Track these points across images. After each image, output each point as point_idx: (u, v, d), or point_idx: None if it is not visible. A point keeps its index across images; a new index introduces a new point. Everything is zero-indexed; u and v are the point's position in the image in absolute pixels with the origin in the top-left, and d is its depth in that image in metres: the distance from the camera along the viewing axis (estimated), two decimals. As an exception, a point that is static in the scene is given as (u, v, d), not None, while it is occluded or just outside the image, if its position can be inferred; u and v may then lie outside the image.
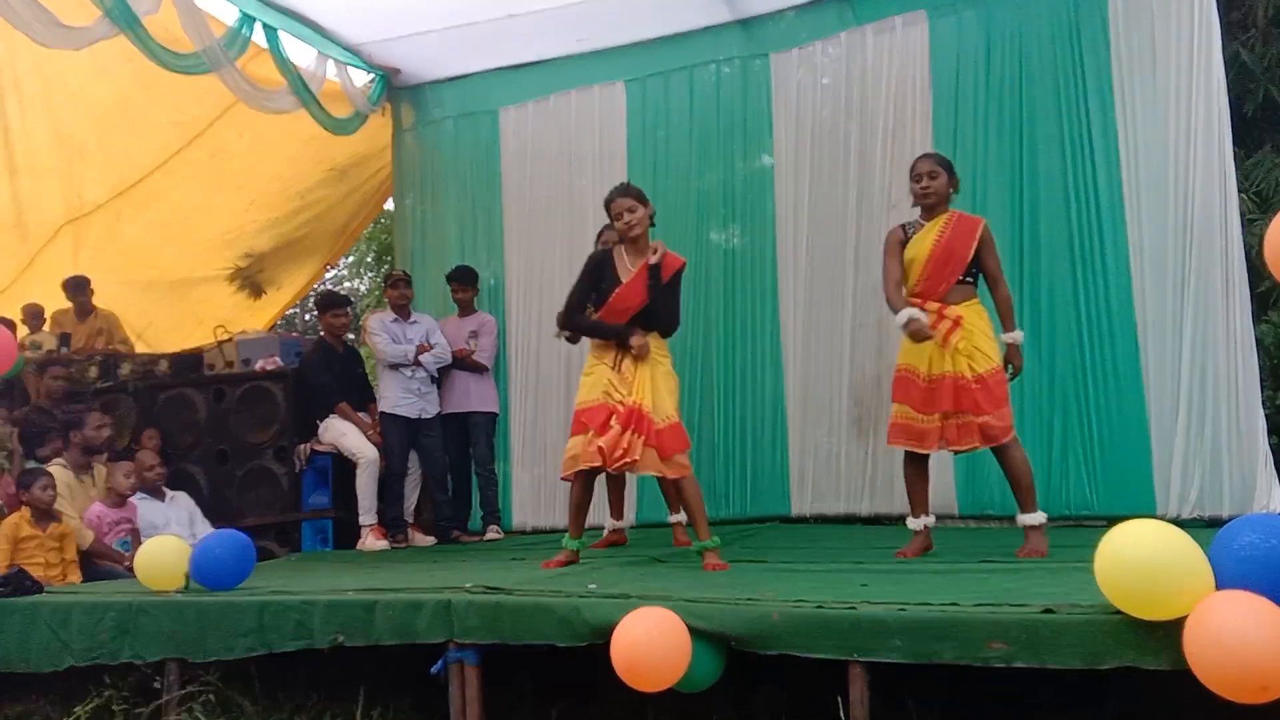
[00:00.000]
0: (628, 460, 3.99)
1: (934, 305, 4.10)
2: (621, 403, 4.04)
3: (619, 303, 4.15)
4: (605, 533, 5.38)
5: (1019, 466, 4.06)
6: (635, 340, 4.08)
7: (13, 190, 6.90)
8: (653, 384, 4.07)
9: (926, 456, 4.19)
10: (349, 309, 6.51)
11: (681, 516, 5.01)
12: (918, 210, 4.28)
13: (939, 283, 4.13)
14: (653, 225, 4.25)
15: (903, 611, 2.68)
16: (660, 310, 4.17)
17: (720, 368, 6.32)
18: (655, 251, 4.14)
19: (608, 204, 4.21)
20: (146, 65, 5.67)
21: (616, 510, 5.40)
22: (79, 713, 3.64)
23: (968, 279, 4.16)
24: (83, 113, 6.65)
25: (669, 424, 4.08)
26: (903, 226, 4.29)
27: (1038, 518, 4.06)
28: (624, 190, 4.21)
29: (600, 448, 3.99)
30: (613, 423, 4.00)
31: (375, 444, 6.05)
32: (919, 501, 4.23)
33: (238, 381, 6.38)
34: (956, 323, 4.06)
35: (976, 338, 4.06)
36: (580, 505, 4.23)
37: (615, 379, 4.08)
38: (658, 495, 6.51)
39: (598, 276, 4.23)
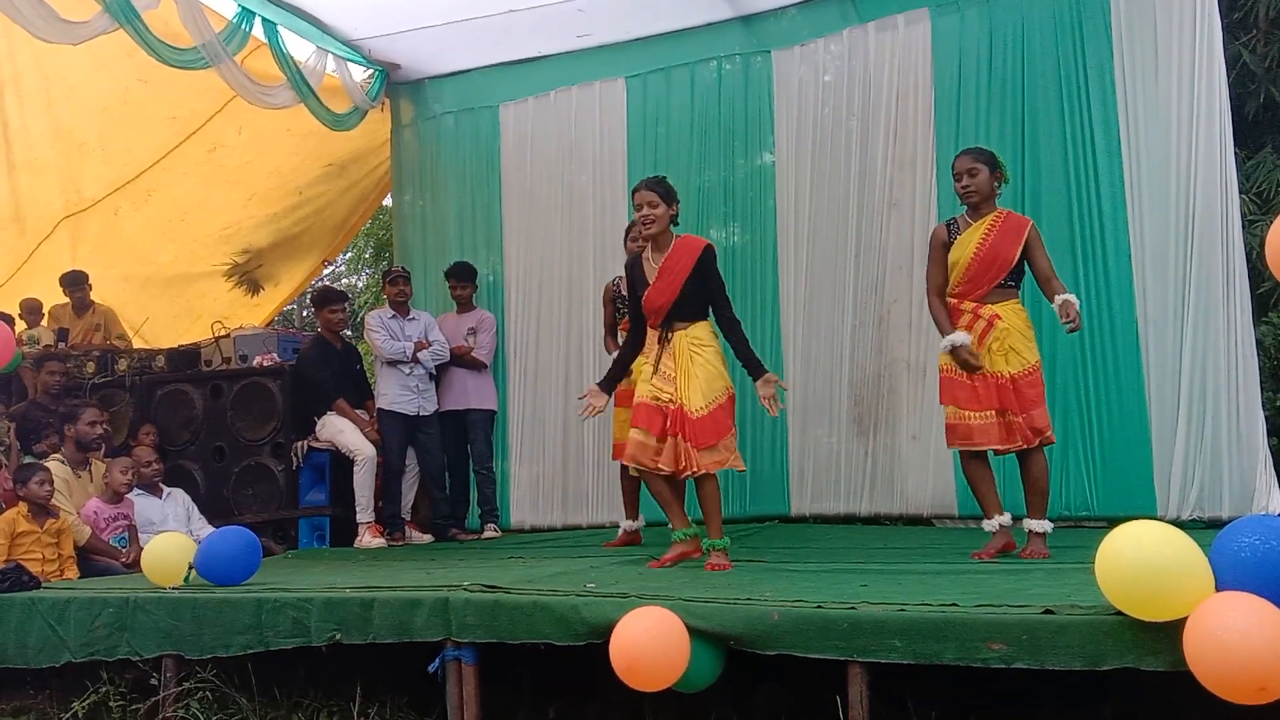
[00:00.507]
0: (690, 472, 3.99)
1: (969, 305, 4.04)
2: (670, 401, 4.02)
3: (649, 305, 4.13)
4: (620, 532, 5.36)
5: (1041, 471, 4.01)
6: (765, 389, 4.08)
7: (11, 185, 6.89)
8: (688, 378, 4.01)
9: (984, 453, 4.05)
10: (346, 305, 6.49)
11: (641, 522, 4.97)
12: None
13: (980, 285, 4.04)
14: (675, 224, 4.20)
15: (902, 612, 2.67)
16: (690, 301, 4.08)
17: (719, 365, 6.30)
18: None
19: (634, 191, 4.19)
20: (145, 60, 5.66)
21: (632, 510, 5.35)
22: (76, 708, 3.64)
23: (1010, 282, 4.06)
24: (82, 108, 6.64)
25: (700, 416, 3.98)
26: (947, 225, 4.19)
27: (1046, 525, 3.99)
28: (650, 183, 4.15)
29: (665, 460, 4.00)
30: (665, 427, 4.00)
31: (373, 441, 6.04)
32: (988, 501, 4.05)
33: (235, 378, 6.36)
34: (990, 322, 3.99)
35: (1012, 337, 3.98)
36: (667, 500, 4.13)
37: (658, 378, 4.07)
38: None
39: (632, 284, 4.24)
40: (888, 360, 5.97)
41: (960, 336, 4.01)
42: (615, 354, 4.65)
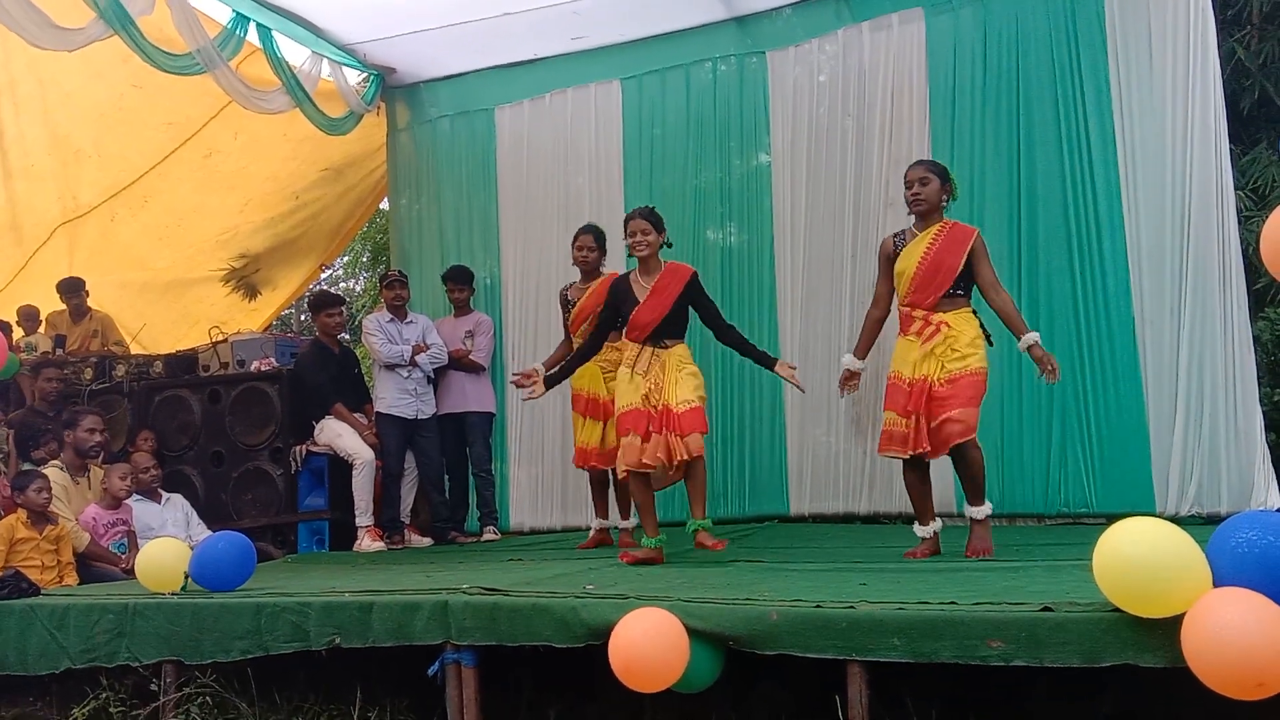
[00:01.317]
0: (680, 459, 4.22)
1: (920, 313, 4.10)
2: (655, 406, 4.29)
3: (637, 320, 4.41)
4: (591, 532, 5.42)
5: (974, 464, 4.02)
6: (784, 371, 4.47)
7: (8, 193, 6.90)
8: (675, 385, 4.31)
9: (924, 463, 4.14)
10: (343, 309, 6.47)
11: (630, 521, 5.02)
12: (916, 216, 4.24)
13: (927, 294, 4.08)
14: (668, 245, 4.55)
15: (901, 611, 2.67)
16: (675, 321, 4.42)
17: (718, 366, 6.30)
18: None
19: (627, 220, 4.50)
20: (140, 66, 5.66)
21: (601, 510, 5.44)
22: (76, 715, 3.64)
23: (958, 292, 4.09)
24: (77, 114, 6.64)
25: (687, 408, 4.26)
26: (894, 237, 4.26)
27: (984, 509, 4.07)
28: (644, 213, 4.48)
29: (657, 456, 4.23)
30: (649, 428, 4.26)
31: (371, 444, 6.04)
32: (922, 509, 4.17)
33: (233, 383, 6.36)
34: (938, 328, 4.03)
35: (957, 340, 4.01)
36: (645, 504, 4.39)
37: (643, 382, 4.33)
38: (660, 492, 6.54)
39: (617, 301, 4.52)
40: (885, 360, 5.95)
41: (854, 363, 4.28)
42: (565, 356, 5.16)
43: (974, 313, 4.14)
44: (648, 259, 4.43)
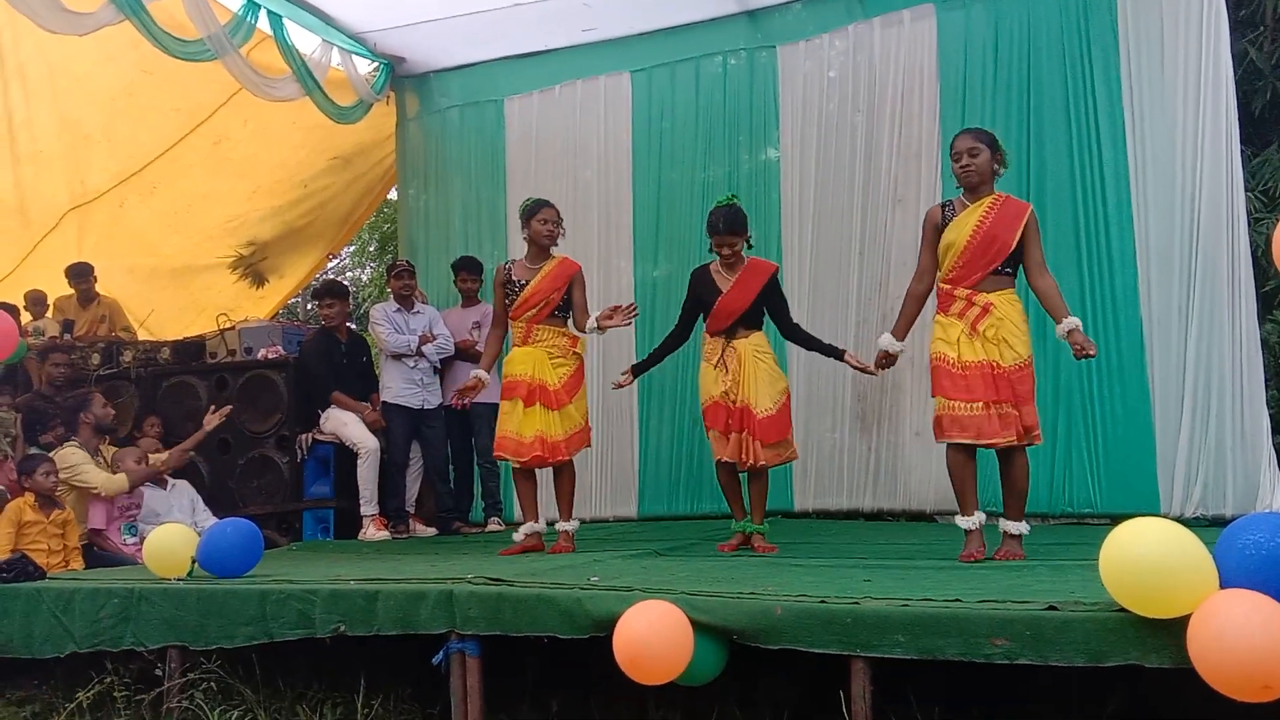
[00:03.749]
0: (752, 463, 4.39)
1: (963, 291, 3.81)
2: (733, 402, 4.41)
3: (721, 309, 4.52)
4: (523, 537, 4.88)
5: (1022, 471, 3.82)
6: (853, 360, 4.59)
7: (16, 177, 6.89)
8: (755, 381, 4.41)
9: (971, 448, 3.79)
10: (338, 300, 6.38)
11: (568, 525, 4.84)
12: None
13: (975, 270, 3.80)
14: (750, 246, 4.66)
15: (906, 607, 2.67)
16: (754, 312, 4.53)
17: (723, 361, 6.29)
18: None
19: (713, 234, 4.56)
20: (151, 52, 5.66)
21: (533, 511, 4.92)
22: (81, 699, 3.65)
23: (1006, 270, 3.82)
24: (87, 99, 6.64)
25: (766, 415, 4.38)
26: (942, 206, 3.99)
27: (1023, 527, 3.81)
28: (730, 227, 4.52)
29: (739, 456, 4.41)
30: (729, 423, 4.43)
31: (374, 422, 6.02)
32: (967, 497, 3.82)
33: (240, 370, 6.38)
34: (985, 309, 3.76)
35: (1006, 327, 3.76)
36: (728, 491, 4.63)
37: (724, 378, 4.45)
38: (658, 488, 6.55)
39: (699, 291, 4.64)
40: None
41: (893, 344, 4.07)
42: (488, 344, 5.00)
43: (1015, 293, 3.88)
44: (730, 260, 4.56)
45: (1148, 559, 2.33)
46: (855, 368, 4.57)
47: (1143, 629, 2.37)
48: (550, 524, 4.93)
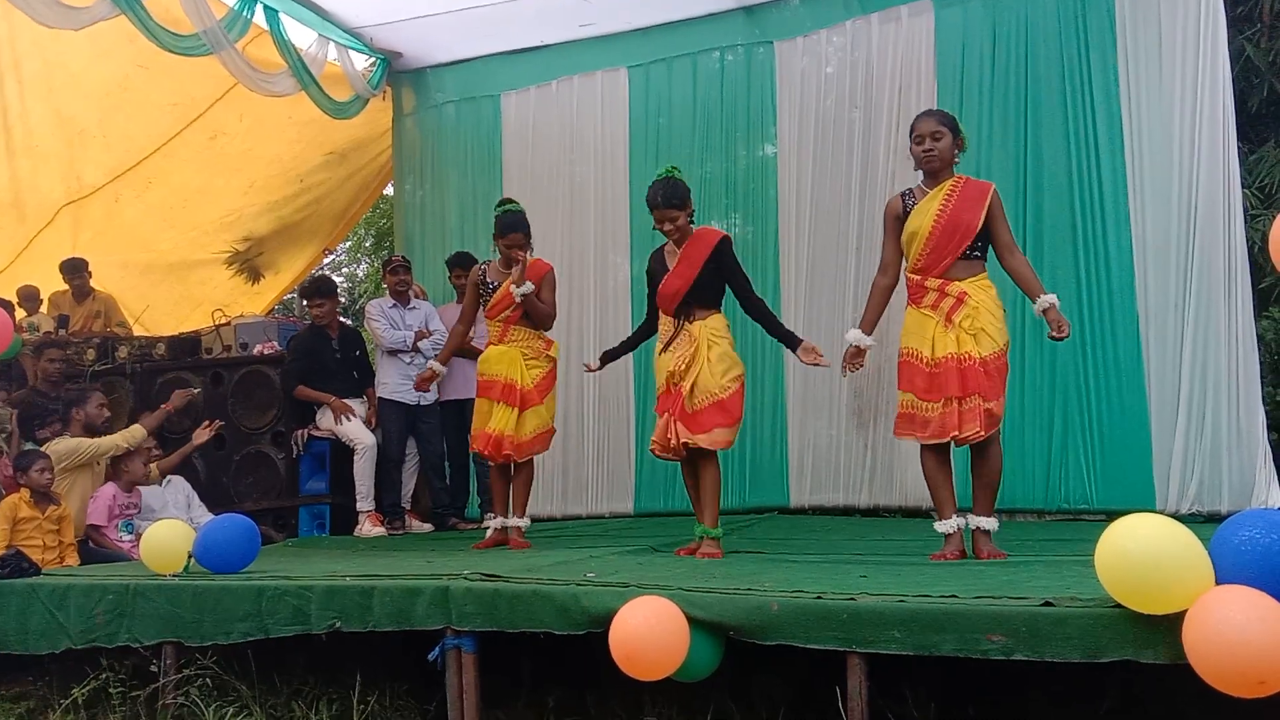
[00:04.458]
0: (675, 445, 4.09)
1: (934, 282, 3.75)
2: (674, 385, 4.15)
3: (665, 289, 4.26)
4: (490, 532, 4.95)
5: (995, 464, 3.75)
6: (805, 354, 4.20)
7: (11, 171, 6.87)
8: (708, 364, 4.12)
9: (947, 448, 3.77)
10: (327, 299, 6.27)
11: (520, 521, 4.83)
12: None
13: (943, 257, 3.73)
14: (692, 221, 4.35)
15: (902, 603, 2.67)
16: (706, 288, 4.22)
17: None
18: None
19: (651, 208, 4.32)
20: (147, 46, 5.64)
21: (502, 506, 4.92)
22: (76, 695, 3.64)
23: (975, 253, 3.76)
24: (82, 94, 6.62)
25: (708, 403, 4.08)
26: (902, 195, 3.90)
27: (993, 523, 3.75)
28: (669, 199, 4.25)
29: (666, 438, 4.13)
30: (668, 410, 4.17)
31: (338, 409, 5.98)
32: (942, 500, 3.76)
33: (235, 366, 6.36)
34: (960, 299, 3.69)
35: (982, 317, 3.68)
36: (690, 491, 4.34)
37: (671, 360, 4.19)
38: (655, 483, 6.55)
39: (653, 273, 4.40)
40: (888, 353, 5.91)
41: (862, 339, 3.91)
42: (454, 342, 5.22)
43: (988, 278, 3.81)
44: (680, 239, 4.28)
45: (1143, 555, 2.33)
46: (805, 362, 4.18)
47: (1138, 625, 2.37)
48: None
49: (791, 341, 4.23)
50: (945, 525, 3.75)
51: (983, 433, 3.63)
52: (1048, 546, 4.09)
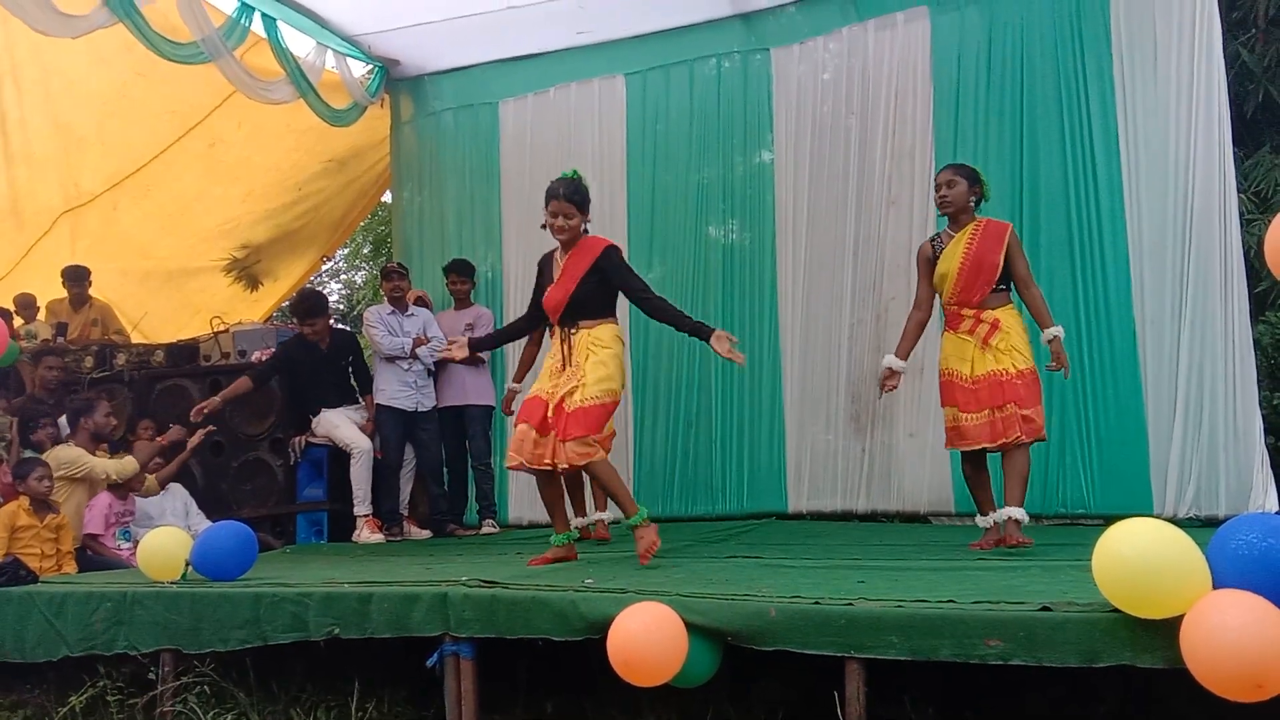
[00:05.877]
0: (549, 462, 3.93)
1: (970, 311, 4.23)
2: (552, 394, 3.97)
3: (548, 301, 4.11)
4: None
5: (1024, 459, 4.14)
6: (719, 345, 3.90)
7: (9, 179, 6.89)
8: (579, 371, 3.97)
9: (983, 456, 4.27)
10: (320, 318, 6.19)
11: (606, 514, 4.89)
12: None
13: (973, 293, 4.23)
14: (585, 230, 4.14)
15: (900, 608, 2.67)
16: (589, 300, 4.04)
17: (718, 363, 6.31)
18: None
19: (547, 197, 4.08)
20: (145, 54, 5.65)
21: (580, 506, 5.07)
22: (74, 703, 3.64)
23: (1001, 286, 4.25)
24: (80, 102, 6.63)
25: (579, 408, 3.89)
26: (931, 241, 4.38)
27: (1023, 514, 4.13)
28: (568, 193, 4.06)
29: (543, 459, 3.93)
30: (547, 420, 3.94)
31: (360, 424, 6.00)
32: (981, 501, 4.33)
33: (234, 373, 6.33)
34: (994, 325, 4.18)
35: (1014, 339, 4.18)
36: (551, 500, 4.14)
37: (550, 364, 4.07)
38: (653, 489, 6.54)
39: (538, 280, 4.23)
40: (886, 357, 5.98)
41: (897, 363, 4.32)
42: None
43: (1015, 307, 4.30)
44: (567, 243, 4.08)
45: (1141, 560, 2.33)
46: (719, 352, 3.85)
47: (1136, 629, 2.37)
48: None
49: (703, 333, 3.92)
50: (984, 521, 4.29)
51: (1024, 438, 4.09)
52: (1046, 551, 4.09)
